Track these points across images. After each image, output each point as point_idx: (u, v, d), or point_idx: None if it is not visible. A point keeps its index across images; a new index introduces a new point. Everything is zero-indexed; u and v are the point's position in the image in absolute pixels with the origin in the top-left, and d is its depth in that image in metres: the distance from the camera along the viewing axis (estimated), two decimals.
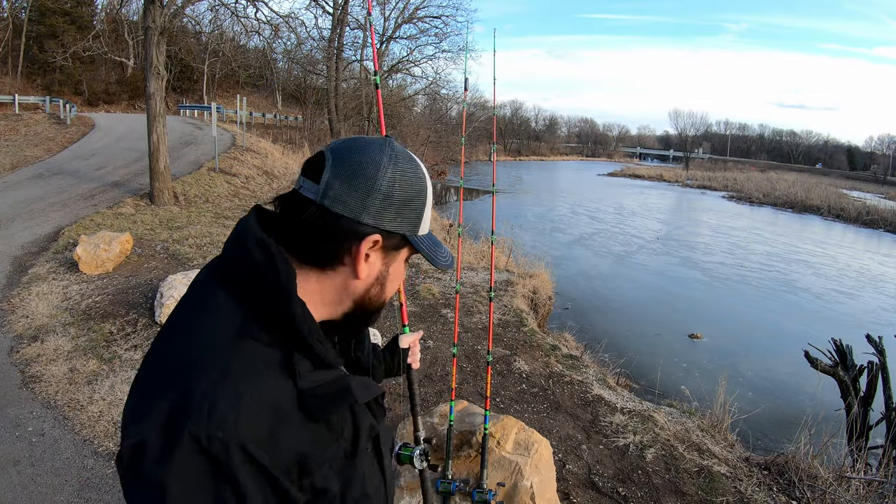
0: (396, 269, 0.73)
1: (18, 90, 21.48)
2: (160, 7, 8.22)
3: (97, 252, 5.58)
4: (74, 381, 3.60)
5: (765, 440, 4.60)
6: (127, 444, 0.54)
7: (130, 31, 26.19)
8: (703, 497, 2.73)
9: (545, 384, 3.89)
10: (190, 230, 7.43)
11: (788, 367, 6.65)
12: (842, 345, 4.19)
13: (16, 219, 7.45)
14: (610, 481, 2.83)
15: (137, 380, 0.61)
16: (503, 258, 7.93)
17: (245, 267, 0.63)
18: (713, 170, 50.73)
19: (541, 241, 12.84)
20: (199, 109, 23.72)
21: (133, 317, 4.56)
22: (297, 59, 24.26)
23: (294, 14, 28.51)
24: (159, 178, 8.75)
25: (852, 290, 11.59)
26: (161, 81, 8.48)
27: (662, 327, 8.13)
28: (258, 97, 32.88)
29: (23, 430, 3.08)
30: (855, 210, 25.06)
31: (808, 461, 3.02)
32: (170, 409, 0.54)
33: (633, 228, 17.73)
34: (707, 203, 28.47)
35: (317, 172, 0.67)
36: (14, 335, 4.25)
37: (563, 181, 37.21)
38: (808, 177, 46.02)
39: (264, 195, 11.03)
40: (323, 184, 0.65)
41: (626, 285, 10.61)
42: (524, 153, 61.69)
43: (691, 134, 61.27)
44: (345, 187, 0.65)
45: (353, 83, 25.50)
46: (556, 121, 76.64)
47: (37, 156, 12.30)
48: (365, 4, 22.71)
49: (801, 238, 18.81)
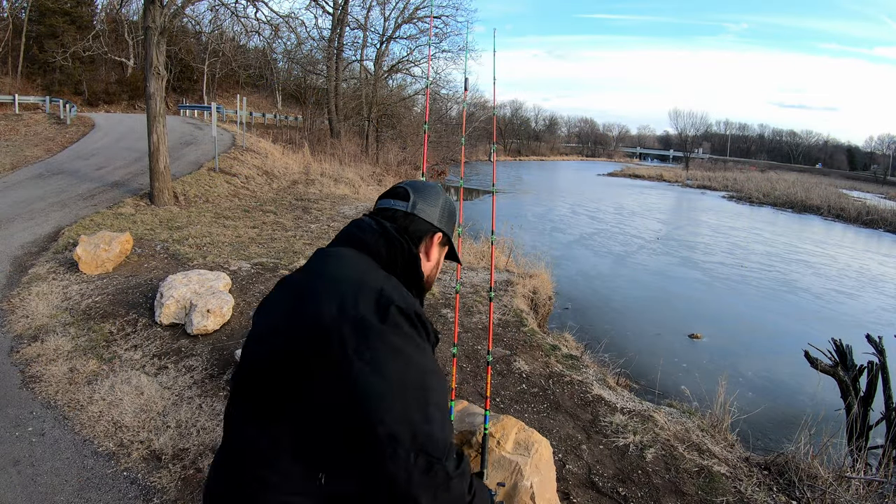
0: (441, 259, 1.18)
1: (18, 90, 21.49)
2: (160, 7, 8.22)
3: (97, 252, 5.58)
4: (74, 381, 3.61)
5: (765, 440, 4.60)
6: (347, 324, 0.84)
7: (130, 31, 26.20)
8: (703, 497, 2.73)
9: (545, 384, 3.89)
10: (190, 230, 7.43)
11: (788, 367, 6.65)
12: (842, 345, 4.19)
13: (16, 219, 7.45)
14: (610, 481, 2.83)
15: (307, 294, 0.93)
16: (503, 258, 7.93)
17: (390, 246, 1.02)
18: (713, 170, 50.73)
19: (541, 241, 12.84)
20: (199, 109, 23.71)
21: (133, 317, 4.56)
22: (297, 59, 24.27)
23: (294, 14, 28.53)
24: (159, 178, 8.75)
25: (852, 290, 11.59)
26: (161, 81, 8.48)
27: (662, 327, 8.13)
28: (258, 97, 32.88)
29: (23, 430, 3.08)
30: (855, 210, 25.05)
31: (808, 461, 3.02)
32: (375, 299, 0.89)
33: (633, 228, 17.73)
34: (707, 203, 28.47)
35: (402, 197, 1.11)
36: (14, 335, 4.25)
37: (562, 181, 37.21)
38: (808, 177, 45.98)
39: (264, 195, 11.03)
40: (411, 202, 1.11)
41: (626, 285, 10.61)
42: (524, 153, 61.68)
43: (691, 134, 61.23)
44: (424, 204, 1.12)
45: (353, 83, 25.50)
46: (556, 121, 76.70)
47: (37, 156, 12.31)
48: (365, 4, 22.74)
49: (801, 238, 18.81)
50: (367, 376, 0.80)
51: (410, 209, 1.09)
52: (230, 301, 4.59)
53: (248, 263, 6.08)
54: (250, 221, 8.47)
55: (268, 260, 6.27)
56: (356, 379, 0.80)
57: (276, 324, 0.95)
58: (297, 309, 0.91)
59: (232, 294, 4.90)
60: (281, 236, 7.65)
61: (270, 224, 8.42)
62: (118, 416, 3.21)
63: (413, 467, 0.78)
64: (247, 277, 5.58)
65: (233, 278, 5.36)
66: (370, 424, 0.78)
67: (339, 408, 0.81)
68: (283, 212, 9.49)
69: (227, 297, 4.61)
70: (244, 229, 7.87)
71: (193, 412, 3.28)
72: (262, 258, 6.35)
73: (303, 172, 14.07)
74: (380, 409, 0.79)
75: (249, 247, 6.89)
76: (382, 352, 0.83)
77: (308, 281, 0.97)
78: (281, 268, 5.97)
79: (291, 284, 1.01)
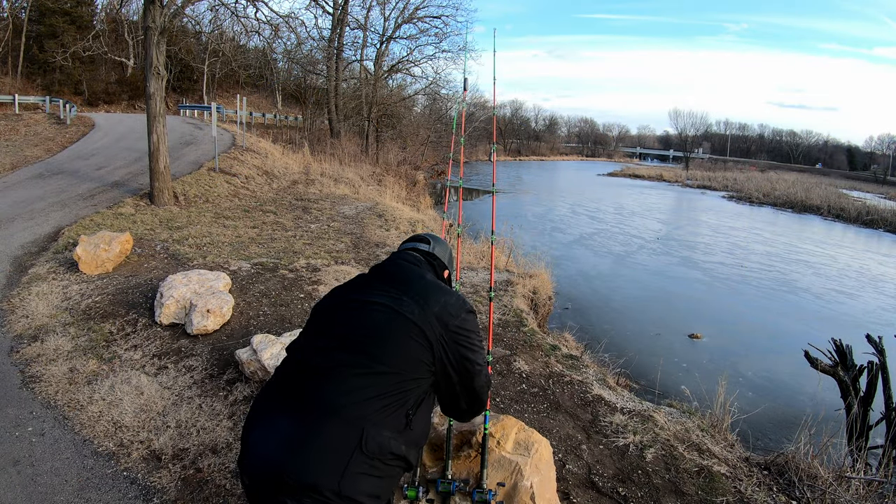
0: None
1: (18, 90, 21.49)
2: (160, 7, 8.21)
3: (97, 252, 5.58)
4: (74, 381, 3.60)
5: (765, 440, 4.61)
6: (465, 313, 1.46)
7: (130, 31, 26.21)
8: (703, 497, 2.73)
9: (545, 384, 3.89)
10: (190, 230, 7.43)
11: (788, 367, 6.65)
12: (842, 345, 4.19)
13: (16, 219, 7.45)
14: (610, 481, 2.83)
15: (410, 289, 1.45)
16: (503, 258, 7.93)
17: (439, 265, 1.68)
18: (713, 170, 50.71)
19: (541, 241, 12.84)
20: (199, 109, 23.70)
21: (133, 317, 4.56)
22: (297, 59, 24.26)
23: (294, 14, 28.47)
24: (159, 178, 8.75)
25: (852, 290, 11.59)
26: (161, 81, 8.48)
27: (662, 327, 8.14)
28: (258, 97, 32.88)
29: (23, 430, 3.08)
30: (855, 210, 25.05)
31: (808, 461, 3.02)
32: (455, 300, 1.46)
33: (633, 228, 17.74)
34: (707, 203, 28.47)
35: (426, 241, 1.72)
36: (14, 335, 4.25)
37: (562, 181, 37.21)
38: (808, 177, 45.96)
39: (264, 195, 11.02)
40: (432, 246, 1.70)
41: (626, 285, 10.61)
42: (524, 153, 61.66)
43: (691, 134, 61.19)
44: (440, 249, 1.72)
45: (353, 83, 25.49)
46: (556, 121, 76.67)
47: (37, 156, 12.31)
48: (365, 4, 22.73)
49: (801, 238, 18.81)
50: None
51: (432, 250, 1.68)
52: (230, 301, 4.59)
53: (248, 263, 6.08)
54: (250, 221, 8.47)
55: (268, 260, 6.27)
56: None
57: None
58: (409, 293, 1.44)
59: (232, 294, 4.90)
60: (281, 236, 7.65)
61: (270, 224, 8.42)
62: (118, 416, 3.21)
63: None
64: (247, 277, 5.58)
65: (233, 278, 5.36)
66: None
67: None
68: (283, 212, 9.49)
69: (226, 297, 4.61)
70: (244, 229, 7.87)
71: (193, 412, 3.28)
72: (262, 258, 6.35)
73: (303, 172, 14.08)
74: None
75: (249, 247, 6.90)
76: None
77: (421, 280, 1.50)
78: (281, 268, 5.97)
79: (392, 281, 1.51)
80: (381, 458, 1.23)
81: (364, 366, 1.29)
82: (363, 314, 1.39)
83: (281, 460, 1.19)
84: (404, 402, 1.29)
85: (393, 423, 1.27)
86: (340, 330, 1.38)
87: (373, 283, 1.48)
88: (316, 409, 1.24)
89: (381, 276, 1.51)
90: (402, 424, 1.28)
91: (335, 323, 1.41)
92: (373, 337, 1.33)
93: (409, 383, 1.31)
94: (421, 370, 1.34)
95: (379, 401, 1.26)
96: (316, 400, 1.26)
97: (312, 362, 1.34)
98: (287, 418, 1.25)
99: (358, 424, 1.22)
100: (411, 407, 1.31)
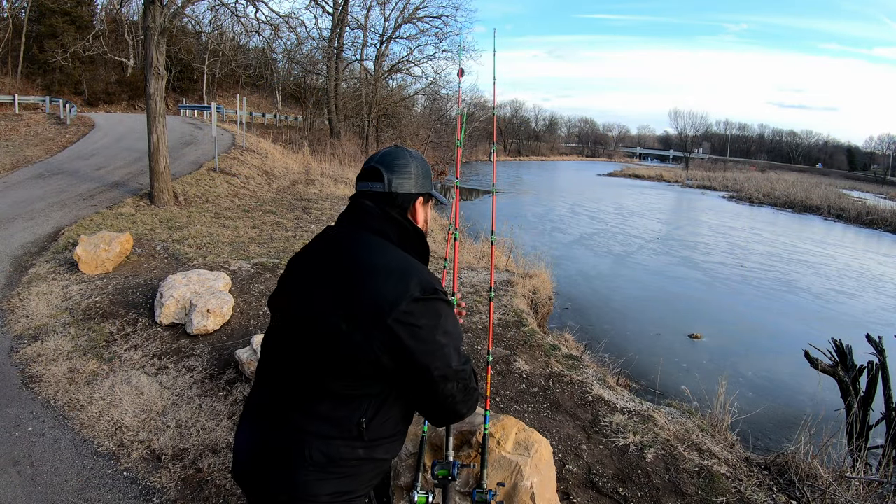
0: (429, 211, 1.38)
1: (18, 90, 21.50)
2: (160, 7, 8.21)
3: (97, 252, 5.58)
4: (74, 381, 3.61)
5: (765, 440, 4.61)
6: (409, 302, 1.10)
7: (130, 31, 26.20)
8: (703, 497, 2.73)
9: (545, 384, 3.89)
10: (190, 230, 7.43)
11: (788, 367, 6.65)
12: (842, 345, 4.19)
13: (16, 219, 7.45)
14: (610, 481, 2.83)
15: (358, 277, 1.14)
16: (503, 258, 7.93)
17: (401, 231, 1.25)
18: (713, 170, 50.70)
19: (541, 241, 12.84)
20: (199, 109, 23.69)
21: (133, 317, 4.56)
22: (297, 59, 24.28)
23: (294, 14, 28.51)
24: (159, 178, 8.75)
25: (852, 290, 11.59)
26: (161, 81, 8.48)
27: (662, 327, 8.13)
28: (258, 97, 32.87)
29: (23, 430, 3.08)
30: (855, 210, 25.04)
31: (808, 461, 3.02)
32: (419, 282, 1.13)
33: (633, 228, 17.73)
34: (707, 203, 28.47)
35: (377, 178, 1.25)
36: (14, 335, 4.25)
37: (562, 181, 37.20)
38: (808, 177, 45.97)
39: (264, 195, 11.02)
40: (387, 181, 1.25)
41: (626, 285, 10.61)
42: (524, 153, 61.66)
43: (691, 134, 61.20)
44: (399, 179, 1.26)
45: (353, 83, 25.50)
46: (556, 121, 76.69)
47: (37, 156, 12.31)
48: (365, 4, 22.73)
49: (801, 238, 18.81)
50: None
51: (388, 188, 1.24)
52: (230, 301, 4.59)
53: (248, 263, 6.08)
54: (250, 221, 8.47)
55: (268, 260, 6.27)
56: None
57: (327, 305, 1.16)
58: (352, 292, 1.14)
59: (232, 294, 4.90)
60: (281, 236, 7.65)
61: (270, 224, 8.42)
62: (118, 416, 3.22)
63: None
64: (247, 277, 5.58)
65: (233, 278, 5.36)
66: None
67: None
68: (283, 212, 9.49)
69: (226, 297, 4.61)
70: (244, 229, 7.87)
71: (193, 412, 3.28)
72: (262, 258, 6.35)
73: (303, 172, 14.08)
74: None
75: (249, 247, 6.90)
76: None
77: (351, 266, 1.17)
78: (281, 268, 5.96)
79: (329, 266, 1.21)
80: (334, 465, 1.14)
81: (304, 373, 1.16)
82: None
83: (247, 469, 1.22)
84: (354, 409, 1.14)
85: (343, 433, 1.14)
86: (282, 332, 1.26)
87: (309, 273, 1.24)
88: (268, 418, 1.20)
89: (314, 265, 1.25)
90: (355, 433, 1.15)
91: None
92: (308, 343, 1.15)
93: (356, 391, 1.14)
94: (364, 378, 1.13)
95: (325, 410, 1.14)
96: (267, 408, 1.21)
97: (265, 367, 1.29)
98: (250, 426, 1.25)
99: (298, 437, 1.14)
100: (365, 413, 1.15)
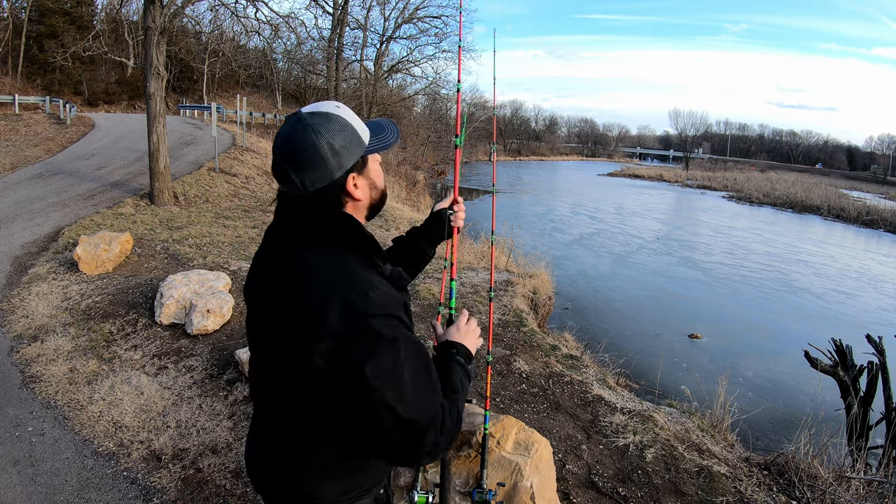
0: (374, 171, 1.09)
1: (18, 90, 21.49)
2: (160, 7, 8.21)
3: (97, 252, 5.58)
4: (74, 381, 3.60)
5: (765, 440, 4.61)
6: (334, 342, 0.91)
7: (130, 31, 26.16)
8: (703, 497, 2.73)
9: (545, 384, 3.89)
10: (190, 230, 7.43)
11: (788, 367, 6.65)
12: (842, 345, 4.19)
13: (16, 219, 7.45)
14: (610, 481, 2.83)
15: (300, 290, 0.96)
16: (503, 258, 7.93)
17: (326, 225, 1.01)
18: (713, 170, 50.73)
19: (541, 241, 12.84)
20: (199, 109, 23.67)
21: (133, 317, 4.56)
22: (297, 59, 24.31)
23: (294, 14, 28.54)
24: (159, 178, 8.75)
25: (852, 290, 11.59)
26: (161, 81, 8.48)
27: (662, 327, 8.14)
28: (258, 97, 32.84)
29: (23, 430, 3.08)
30: (855, 210, 25.06)
31: (808, 461, 3.02)
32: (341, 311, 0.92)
33: (633, 228, 17.74)
34: (707, 203, 28.47)
35: (288, 178, 1.00)
36: (14, 335, 4.25)
37: (562, 181, 37.21)
38: (808, 177, 45.99)
39: (264, 195, 11.02)
40: (298, 182, 0.99)
41: (626, 285, 10.61)
42: (524, 153, 61.71)
43: (691, 134, 61.24)
44: (312, 173, 0.98)
45: (353, 83, 25.51)
46: (556, 121, 76.81)
47: (37, 156, 12.31)
48: (365, 4, 22.74)
49: (801, 238, 18.82)
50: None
51: (303, 189, 0.99)
52: (230, 301, 4.59)
53: (248, 263, 6.07)
54: (250, 221, 8.47)
55: None
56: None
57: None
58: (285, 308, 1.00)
59: (232, 294, 4.90)
60: None
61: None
62: (118, 416, 3.21)
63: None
64: (246, 277, 5.58)
65: (233, 278, 5.35)
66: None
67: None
68: None
69: (226, 297, 4.61)
70: (244, 229, 7.87)
71: (193, 412, 3.28)
72: None
73: None
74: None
75: (249, 247, 6.89)
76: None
77: (286, 283, 1.00)
78: None
79: (267, 284, 1.09)
80: (325, 470, 1.06)
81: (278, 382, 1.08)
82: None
83: (252, 475, 1.19)
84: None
85: (324, 442, 1.05)
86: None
87: (253, 305, 1.20)
88: (261, 427, 1.16)
89: (257, 296, 1.20)
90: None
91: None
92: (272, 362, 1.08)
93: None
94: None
95: (302, 420, 1.04)
96: (259, 415, 1.17)
97: (251, 373, 1.24)
98: (251, 432, 1.22)
99: (285, 445, 1.08)
100: None
